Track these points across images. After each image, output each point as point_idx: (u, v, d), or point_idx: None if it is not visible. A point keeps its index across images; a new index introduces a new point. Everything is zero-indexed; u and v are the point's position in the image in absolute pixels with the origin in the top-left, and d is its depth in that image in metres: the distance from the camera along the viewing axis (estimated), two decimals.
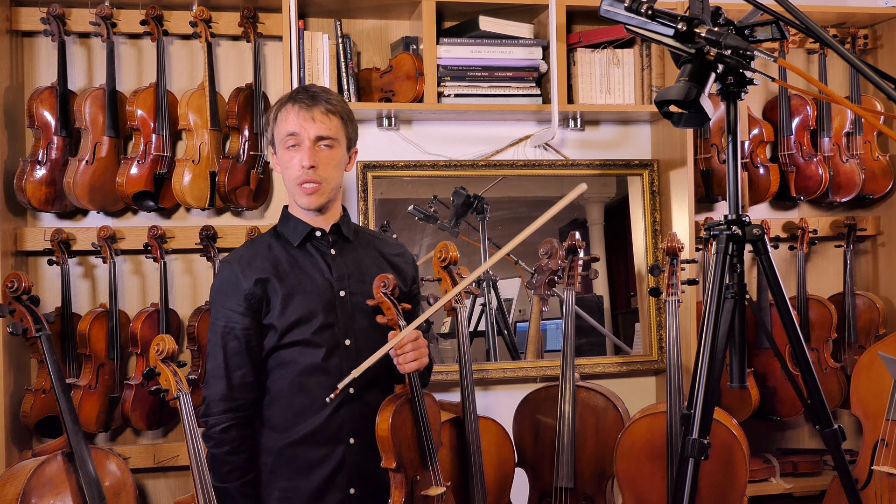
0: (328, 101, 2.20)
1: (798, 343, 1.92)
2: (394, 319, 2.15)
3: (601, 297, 3.52)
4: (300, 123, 2.17)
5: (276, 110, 2.23)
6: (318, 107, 2.18)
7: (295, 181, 2.18)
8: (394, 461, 2.15)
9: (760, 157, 3.47)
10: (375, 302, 2.17)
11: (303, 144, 2.17)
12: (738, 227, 1.88)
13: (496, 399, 3.32)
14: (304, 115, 2.17)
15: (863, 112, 1.78)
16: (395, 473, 2.18)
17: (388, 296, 2.16)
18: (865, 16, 3.59)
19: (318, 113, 2.17)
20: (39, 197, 2.97)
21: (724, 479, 2.71)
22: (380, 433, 2.15)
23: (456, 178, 3.36)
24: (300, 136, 2.17)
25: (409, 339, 2.14)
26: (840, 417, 3.70)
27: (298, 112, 2.17)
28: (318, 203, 2.20)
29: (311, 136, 2.17)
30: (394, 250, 2.39)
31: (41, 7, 2.99)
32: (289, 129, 2.17)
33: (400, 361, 2.16)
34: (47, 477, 2.47)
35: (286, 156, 2.19)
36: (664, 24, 1.76)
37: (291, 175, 2.19)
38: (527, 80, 3.28)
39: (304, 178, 2.16)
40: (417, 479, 2.23)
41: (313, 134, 2.17)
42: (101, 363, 3.00)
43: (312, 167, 2.15)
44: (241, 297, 2.17)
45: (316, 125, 2.17)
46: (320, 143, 2.17)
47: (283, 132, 2.18)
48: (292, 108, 2.18)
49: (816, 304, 3.52)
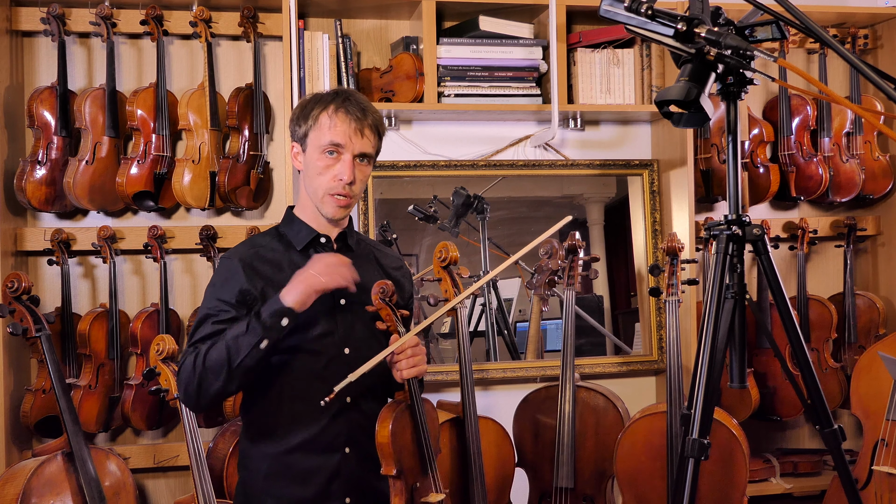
0: (374, 116, 2.14)
1: (798, 343, 1.92)
2: (393, 325, 2.14)
3: (601, 297, 3.52)
4: (349, 136, 2.09)
5: (318, 111, 2.12)
6: (367, 121, 2.11)
7: (327, 191, 2.12)
8: (394, 468, 2.14)
9: (760, 157, 3.47)
10: (374, 308, 2.16)
11: (344, 157, 2.10)
12: (738, 227, 1.88)
13: (496, 399, 3.32)
14: (355, 127, 2.09)
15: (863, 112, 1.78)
16: (396, 481, 2.16)
17: (386, 302, 2.15)
18: (865, 16, 3.59)
19: (368, 129, 2.11)
20: (39, 197, 2.97)
21: (724, 479, 2.71)
22: (380, 440, 2.13)
23: (456, 178, 3.36)
24: (344, 148, 2.09)
25: (409, 344, 2.11)
26: (840, 417, 3.70)
27: (350, 124, 2.09)
28: (344, 215, 2.17)
29: (355, 150, 2.10)
30: (393, 263, 2.36)
31: (41, 7, 2.99)
32: (336, 139, 2.09)
33: (399, 367, 2.11)
34: (47, 477, 2.48)
35: (321, 161, 2.11)
36: (664, 24, 1.76)
37: (323, 183, 2.12)
38: (527, 80, 3.28)
39: (338, 190, 2.10)
40: (417, 486, 2.22)
41: (358, 149, 2.10)
42: (101, 363, 3.00)
43: (351, 183, 2.10)
44: (235, 289, 2.10)
45: (363, 141, 2.11)
46: (359, 157, 2.12)
47: (327, 140, 2.10)
48: (344, 118, 2.10)
49: (816, 304, 3.52)
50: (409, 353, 2.11)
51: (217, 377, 1.99)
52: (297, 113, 2.17)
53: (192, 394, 2.04)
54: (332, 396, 2.03)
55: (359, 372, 2.05)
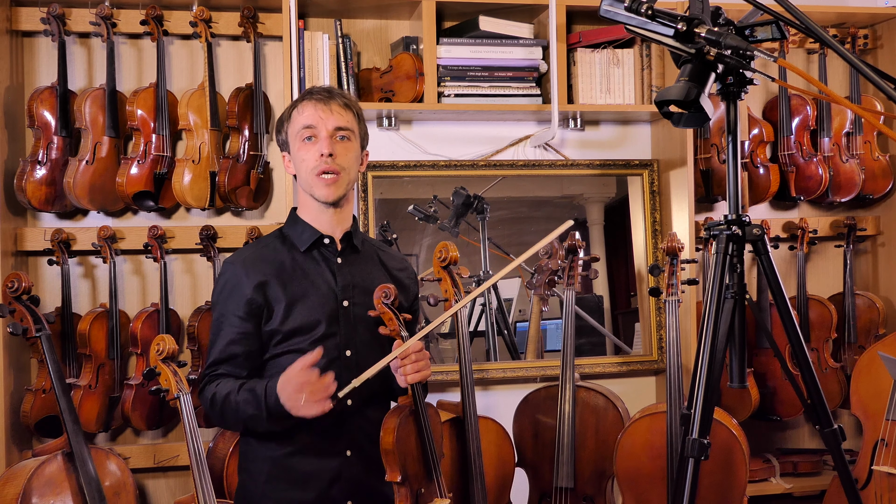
0: (343, 97, 2.22)
1: (798, 343, 1.92)
2: (396, 330, 2.13)
3: (601, 297, 3.52)
4: (318, 115, 2.16)
5: (289, 110, 2.23)
6: (334, 100, 2.18)
7: (312, 172, 2.15)
8: (399, 474, 2.13)
9: (760, 157, 3.47)
10: (377, 313, 2.15)
11: (320, 136, 2.16)
12: (738, 227, 1.88)
13: (496, 399, 3.32)
14: (322, 107, 2.16)
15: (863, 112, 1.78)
16: (400, 487, 2.14)
17: (389, 306, 2.14)
18: (865, 16, 3.59)
19: (336, 105, 2.18)
20: (39, 197, 2.97)
21: (724, 479, 2.71)
22: (384, 446, 2.12)
23: (456, 178, 3.36)
24: (317, 128, 2.16)
25: (413, 349, 2.10)
26: (840, 417, 3.70)
27: (315, 105, 2.17)
28: (337, 195, 2.17)
29: (328, 126, 2.16)
30: (397, 265, 2.36)
31: (41, 7, 2.99)
32: (305, 121, 2.16)
33: (404, 372, 2.11)
34: (47, 477, 2.47)
35: (302, 149, 2.17)
36: (664, 24, 1.76)
37: (308, 166, 2.16)
38: (527, 80, 3.28)
39: (322, 166, 2.14)
40: (422, 491, 2.21)
41: (331, 125, 2.16)
42: (101, 363, 3.00)
43: (331, 155, 2.14)
44: (242, 301, 2.14)
45: (334, 116, 2.16)
46: (338, 133, 2.17)
47: (299, 125, 2.17)
48: (309, 103, 2.18)
49: (816, 304, 3.52)
50: (413, 357, 2.11)
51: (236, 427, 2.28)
52: (277, 125, 2.28)
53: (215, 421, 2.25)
54: (334, 403, 2.02)
55: (362, 378, 2.03)
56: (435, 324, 2.17)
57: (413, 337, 2.10)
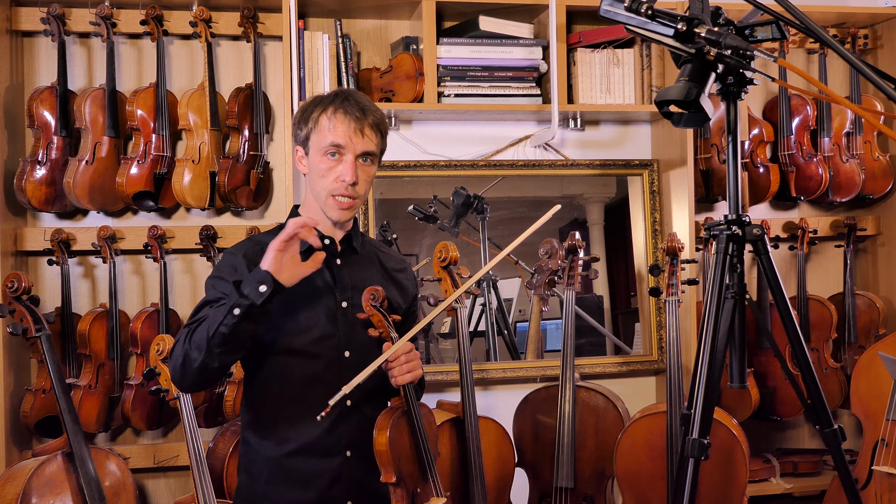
0: (375, 115, 2.12)
1: (798, 343, 1.92)
2: (385, 332, 2.12)
3: (601, 297, 3.52)
4: (349, 136, 2.07)
5: (317, 113, 2.11)
6: (367, 120, 2.09)
7: (329, 192, 2.10)
8: (393, 475, 2.13)
9: (760, 157, 3.47)
10: (366, 315, 2.15)
11: (346, 158, 2.08)
12: (738, 227, 1.88)
13: (496, 399, 3.33)
14: (355, 127, 2.07)
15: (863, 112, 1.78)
16: (396, 488, 2.15)
17: (377, 308, 2.13)
18: (865, 16, 3.59)
19: (368, 128, 2.09)
20: (39, 197, 2.97)
21: (724, 479, 2.71)
22: (378, 448, 2.12)
23: (456, 178, 3.36)
24: (345, 149, 2.08)
25: (403, 350, 2.09)
26: (840, 417, 3.70)
27: (349, 124, 2.07)
28: (349, 217, 2.15)
29: (357, 150, 2.08)
30: (396, 266, 2.35)
31: (41, 7, 2.99)
32: (336, 139, 2.07)
33: (394, 374, 2.10)
34: (47, 477, 2.48)
35: (324, 164, 2.10)
36: (664, 24, 1.76)
37: (326, 185, 2.10)
38: (527, 80, 3.28)
39: (341, 192, 2.08)
40: (418, 491, 2.21)
41: (360, 149, 2.08)
42: (101, 363, 3.00)
43: (354, 184, 2.08)
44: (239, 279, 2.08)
45: (364, 141, 2.08)
46: (363, 157, 2.10)
47: (327, 141, 2.08)
48: (343, 119, 2.08)
49: (816, 304, 3.52)
50: (403, 359, 2.09)
51: (199, 351, 1.95)
52: (298, 116, 2.16)
53: (177, 370, 2.01)
54: (327, 410, 2.00)
55: (352, 384, 2.01)
56: (422, 324, 2.16)
57: (402, 338, 2.10)
